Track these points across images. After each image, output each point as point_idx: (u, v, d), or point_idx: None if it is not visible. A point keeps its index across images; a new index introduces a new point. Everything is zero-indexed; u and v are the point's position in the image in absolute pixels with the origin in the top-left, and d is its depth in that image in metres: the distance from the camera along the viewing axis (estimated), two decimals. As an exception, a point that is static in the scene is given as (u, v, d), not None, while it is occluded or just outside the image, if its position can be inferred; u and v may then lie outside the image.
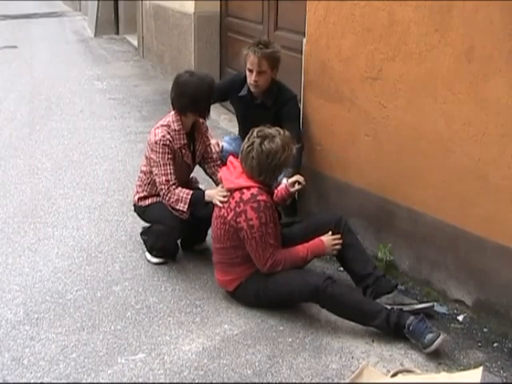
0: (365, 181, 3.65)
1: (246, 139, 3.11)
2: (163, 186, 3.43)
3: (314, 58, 3.94)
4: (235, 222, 3.04)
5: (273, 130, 3.08)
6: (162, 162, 3.43)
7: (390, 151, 3.46)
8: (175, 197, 3.41)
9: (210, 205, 3.28)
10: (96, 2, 12.07)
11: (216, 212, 3.18)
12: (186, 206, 3.39)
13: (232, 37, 6.74)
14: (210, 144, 3.74)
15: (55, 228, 4.07)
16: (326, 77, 3.84)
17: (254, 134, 3.08)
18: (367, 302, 3.05)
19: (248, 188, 3.05)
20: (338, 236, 3.20)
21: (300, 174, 3.44)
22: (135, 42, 10.51)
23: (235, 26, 6.63)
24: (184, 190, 3.43)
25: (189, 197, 3.39)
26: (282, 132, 3.08)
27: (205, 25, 7.01)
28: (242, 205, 3.02)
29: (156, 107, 6.98)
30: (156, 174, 3.46)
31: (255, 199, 3.01)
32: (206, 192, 3.38)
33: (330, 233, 3.20)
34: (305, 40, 4.07)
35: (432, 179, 3.23)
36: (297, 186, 3.38)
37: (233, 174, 3.16)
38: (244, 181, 3.09)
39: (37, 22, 13.91)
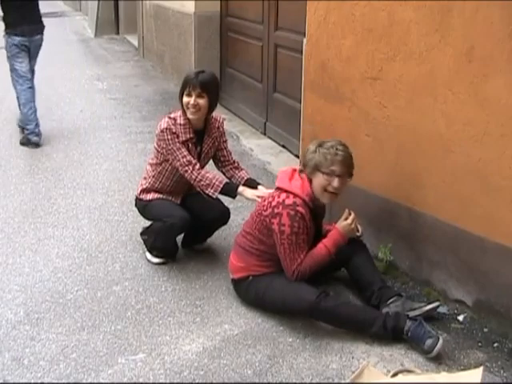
0: (365, 181, 3.64)
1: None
2: (187, 168, 3.46)
3: (315, 58, 3.94)
4: (269, 221, 3.04)
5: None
6: (174, 148, 3.46)
7: (390, 151, 3.47)
8: (206, 181, 3.44)
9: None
10: (96, 2, 12.08)
11: (261, 200, 3.23)
12: (216, 194, 3.46)
13: (232, 37, 6.74)
14: (226, 147, 3.74)
15: (55, 228, 4.08)
16: (326, 77, 3.84)
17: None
18: (362, 310, 3.03)
19: (295, 196, 3.04)
20: (352, 215, 3.12)
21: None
22: (135, 42, 10.53)
23: (235, 26, 6.63)
24: (217, 177, 3.48)
25: (221, 185, 3.44)
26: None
27: (205, 25, 7.01)
28: (280, 207, 3.01)
29: (156, 107, 6.99)
30: (173, 160, 3.48)
31: (294, 207, 2.99)
32: (241, 188, 3.45)
33: (343, 217, 3.13)
34: (305, 40, 4.07)
35: (432, 179, 3.22)
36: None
37: (292, 178, 3.14)
38: (297, 188, 3.07)
39: (37, 22, 13.89)
